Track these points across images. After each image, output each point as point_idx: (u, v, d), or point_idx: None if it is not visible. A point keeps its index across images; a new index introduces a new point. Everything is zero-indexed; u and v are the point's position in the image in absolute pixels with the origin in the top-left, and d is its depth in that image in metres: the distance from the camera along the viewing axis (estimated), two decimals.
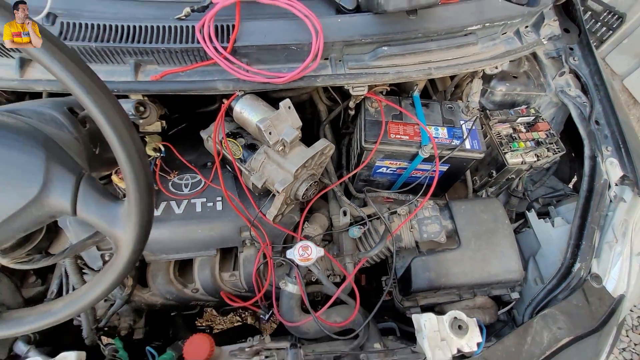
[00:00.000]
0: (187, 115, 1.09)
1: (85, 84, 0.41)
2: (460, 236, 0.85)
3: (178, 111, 1.05)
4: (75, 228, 0.82)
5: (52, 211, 0.50)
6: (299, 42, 0.78)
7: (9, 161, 0.47)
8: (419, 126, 0.93)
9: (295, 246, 0.81)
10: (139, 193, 0.48)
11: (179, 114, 1.06)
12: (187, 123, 1.13)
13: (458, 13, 0.88)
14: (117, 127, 0.44)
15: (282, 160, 0.75)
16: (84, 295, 0.55)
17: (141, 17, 0.80)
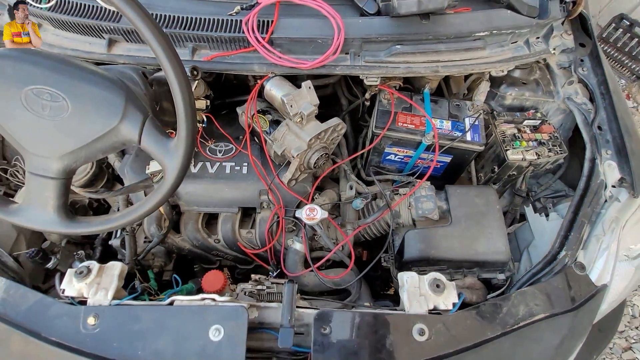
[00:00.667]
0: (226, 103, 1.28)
1: (164, 47, 0.58)
2: (452, 215, 0.93)
3: (220, 98, 1.25)
4: (130, 175, 1.01)
5: (124, 139, 0.68)
6: (324, 36, 0.94)
7: (100, 96, 0.65)
8: (425, 118, 1.04)
9: (303, 207, 0.94)
10: (187, 132, 0.65)
11: (220, 100, 1.26)
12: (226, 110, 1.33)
13: (467, 20, 0.99)
14: (179, 76, 0.61)
15: (299, 131, 0.90)
16: (137, 209, 0.72)
17: (202, 12, 1.00)
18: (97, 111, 0.65)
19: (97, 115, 0.66)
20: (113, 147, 0.69)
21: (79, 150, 0.67)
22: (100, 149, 0.69)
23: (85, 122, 0.65)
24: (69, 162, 0.68)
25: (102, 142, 0.67)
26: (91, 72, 0.67)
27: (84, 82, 0.65)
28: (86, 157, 0.69)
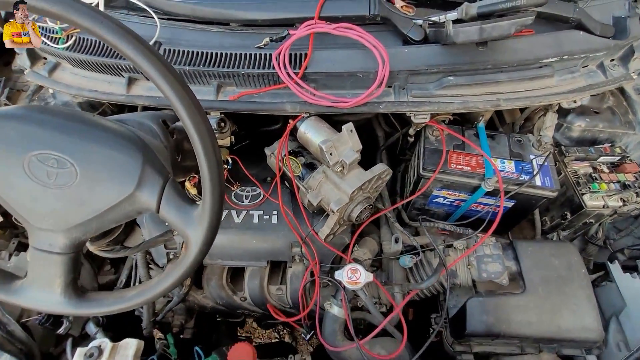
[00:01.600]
0: (251, 132, 1.18)
1: (185, 100, 0.47)
2: (525, 280, 0.77)
3: (244, 128, 1.15)
4: (150, 226, 0.91)
5: (140, 207, 0.57)
6: (365, 70, 0.81)
7: (114, 160, 0.55)
8: (482, 157, 0.89)
9: (344, 268, 0.80)
10: (213, 200, 0.54)
11: (245, 131, 1.16)
12: (250, 140, 1.23)
13: (532, 45, 0.85)
14: (204, 138, 0.50)
15: (340, 181, 0.77)
16: (154, 287, 0.61)
17: (227, 45, 0.91)
18: (110, 177, 0.55)
19: (110, 182, 0.55)
20: (128, 216, 0.59)
21: (88, 222, 0.57)
22: (113, 219, 0.58)
23: (96, 191, 0.55)
24: (78, 235, 0.58)
25: (115, 212, 0.57)
26: (104, 129, 0.58)
27: (95, 144, 0.55)
28: (97, 229, 0.59)
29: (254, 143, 1.25)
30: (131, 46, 0.44)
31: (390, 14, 0.85)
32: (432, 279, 0.77)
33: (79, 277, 0.63)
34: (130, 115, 0.70)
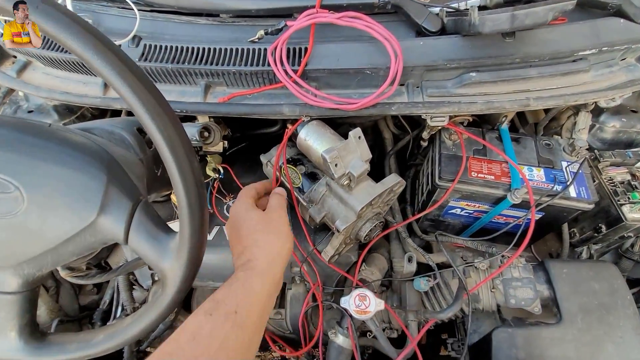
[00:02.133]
0: (247, 135, 1.08)
1: (148, 102, 0.37)
2: (561, 308, 0.67)
3: (239, 130, 1.04)
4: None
5: (105, 238, 0.47)
6: (375, 66, 0.71)
7: (70, 181, 0.45)
8: (508, 164, 0.79)
9: (351, 294, 0.70)
10: (193, 230, 0.43)
11: (240, 133, 1.05)
12: (246, 143, 1.12)
13: (567, 35, 0.74)
14: (178, 153, 0.40)
15: (346, 196, 0.67)
16: (125, 330, 0.51)
17: (217, 39, 0.80)
18: (66, 203, 0.45)
19: (66, 209, 0.45)
20: (91, 247, 0.49)
21: (42, 257, 0.47)
22: (73, 252, 0.48)
23: (48, 220, 0.45)
24: (31, 271, 0.48)
25: (74, 244, 0.47)
26: (58, 143, 0.47)
27: (45, 162, 0.45)
28: (54, 263, 0.49)
29: (251, 146, 1.14)
30: (60, 23, 0.33)
31: (403, 1, 0.73)
32: (454, 307, 0.67)
33: (36, 318, 0.53)
34: (100, 123, 0.60)
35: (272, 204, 0.64)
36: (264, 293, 0.52)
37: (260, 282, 0.52)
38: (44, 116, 0.93)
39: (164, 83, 0.80)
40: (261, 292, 0.51)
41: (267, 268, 0.54)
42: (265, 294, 0.52)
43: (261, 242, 0.56)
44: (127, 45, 0.77)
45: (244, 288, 0.50)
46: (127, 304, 0.85)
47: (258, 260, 0.54)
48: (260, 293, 0.51)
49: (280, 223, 0.61)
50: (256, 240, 0.57)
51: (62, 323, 0.89)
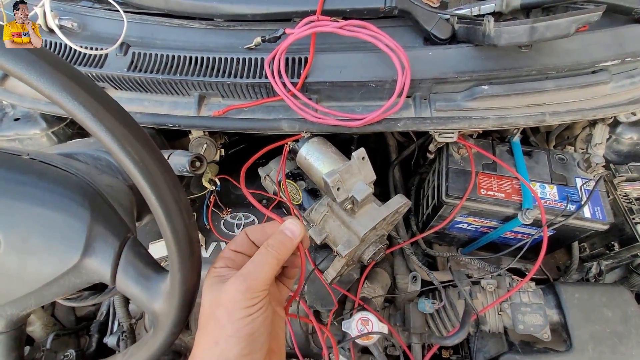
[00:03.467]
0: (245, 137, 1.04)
1: (126, 141, 0.32)
2: (572, 336, 0.64)
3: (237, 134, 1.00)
4: None
5: (90, 279, 0.44)
6: (380, 79, 0.66)
7: (49, 222, 0.41)
8: (519, 182, 0.75)
9: (353, 317, 0.68)
10: (183, 275, 0.40)
11: (238, 136, 1.01)
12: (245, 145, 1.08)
13: (587, 45, 0.68)
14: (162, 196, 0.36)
15: (349, 219, 0.63)
16: None
17: (211, 46, 0.75)
18: (46, 245, 0.42)
19: (47, 251, 0.42)
20: (76, 288, 0.46)
21: (24, 299, 0.44)
22: (57, 293, 0.45)
23: (28, 262, 0.42)
24: (14, 311, 0.45)
25: (58, 286, 0.44)
26: (37, 177, 0.43)
27: (21, 201, 0.41)
28: (38, 304, 0.46)
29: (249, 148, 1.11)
30: None
31: (411, 6, 0.68)
32: (460, 334, 0.65)
33: (23, 355, 0.50)
34: (84, 146, 0.56)
35: (248, 265, 0.38)
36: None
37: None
38: (31, 124, 0.89)
39: (155, 93, 0.75)
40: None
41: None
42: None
43: (199, 341, 0.37)
44: (115, 53, 0.72)
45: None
46: (123, 320, 0.83)
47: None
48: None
49: (231, 312, 0.35)
50: (198, 335, 0.38)
51: (58, 337, 0.87)
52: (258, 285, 0.37)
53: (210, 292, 0.38)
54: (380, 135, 1.07)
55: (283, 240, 0.40)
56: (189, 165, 0.56)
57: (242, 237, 0.42)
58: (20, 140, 0.91)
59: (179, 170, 0.57)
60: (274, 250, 0.39)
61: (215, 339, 0.36)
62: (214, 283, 0.39)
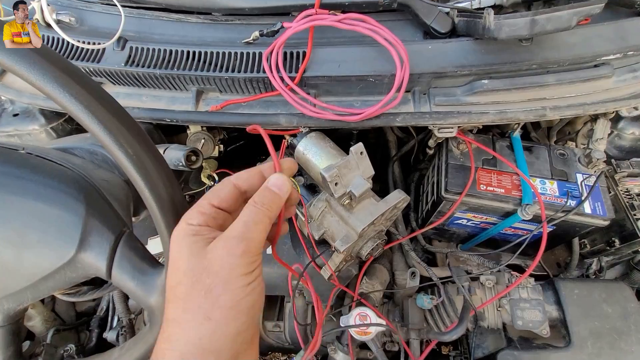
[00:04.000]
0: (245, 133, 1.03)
1: (121, 136, 0.32)
2: (571, 332, 0.64)
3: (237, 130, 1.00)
4: None
5: (86, 273, 0.44)
6: (379, 73, 0.65)
7: (45, 216, 0.41)
8: (519, 177, 0.74)
9: (351, 313, 0.68)
10: None
11: (237, 132, 1.01)
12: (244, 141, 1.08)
13: (590, 38, 0.67)
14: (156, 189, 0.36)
15: (347, 215, 0.63)
16: None
17: (209, 40, 0.75)
18: (42, 239, 0.42)
19: (42, 245, 0.42)
20: (72, 282, 0.46)
21: (21, 293, 0.44)
22: (53, 287, 0.45)
23: (24, 257, 0.42)
24: (11, 305, 0.46)
25: (54, 280, 0.44)
26: (32, 171, 0.43)
27: (17, 195, 0.41)
28: (34, 298, 0.46)
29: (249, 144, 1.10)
30: None
31: (410, 0, 0.67)
32: (459, 330, 0.64)
33: (21, 349, 0.51)
34: (81, 141, 0.56)
35: (228, 230, 0.33)
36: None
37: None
38: (30, 120, 0.89)
39: (153, 88, 0.75)
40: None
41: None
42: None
43: (181, 318, 0.31)
44: (113, 48, 0.72)
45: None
46: (122, 315, 0.84)
47: (173, 349, 0.30)
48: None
49: (227, 280, 0.30)
50: (176, 309, 0.32)
51: (58, 332, 0.88)
52: (255, 248, 0.32)
53: (190, 254, 0.31)
54: (380, 131, 1.06)
55: (272, 197, 0.35)
56: (185, 160, 0.55)
57: (228, 190, 0.36)
58: (20, 136, 0.91)
59: (175, 165, 0.56)
60: (265, 208, 0.33)
61: (206, 314, 0.30)
62: (192, 243, 0.31)
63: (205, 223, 0.33)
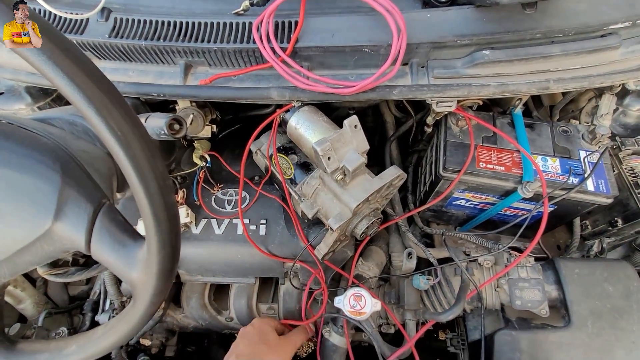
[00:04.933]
0: (239, 117, 1.01)
1: (94, 95, 0.30)
2: (570, 311, 0.62)
3: (230, 112, 0.97)
4: None
5: (64, 247, 0.42)
6: (375, 43, 0.62)
7: (18, 185, 0.39)
8: (520, 154, 0.72)
9: (345, 293, 0.66)
10: (160, 242, 0.38)
11: (231, 115, 0.98)
12: (239, 125, 1.05)
13: (596, 5, 0.64)
14: (135, 156, 0.33)
15: (341, 191, 0.61)
16: (96, 342, 0.47)
17: (197, 11, 0.71)
18: (15, 209, 0.40)
19: (16, 216, 0.40)
20: (50, 256, 0.43)
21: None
22: (30, 261, 0.43)
23: None
24: None
25: (30, 254, 0.42)
26: (5, 138, 0.41)
27: None
28: (12, 273, 0.44)
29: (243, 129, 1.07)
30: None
31: None
32: (455, 310, 0.63)
33: (3, 327, 0.49)
34: (61, 112, 0.53)
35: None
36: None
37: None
38: (15, 99, 0.86)
39: (140, 62, 0.72)
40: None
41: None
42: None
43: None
44: (96, 19, 0.69)
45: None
46: (114, 298, 0.82)
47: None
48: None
49: None
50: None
51: (50, 315, 0.87)
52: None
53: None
54: (377, 112, 1.03)
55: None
56: (167, 128, 0.53)
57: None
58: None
59: (157, 134, 0.54)
60: None
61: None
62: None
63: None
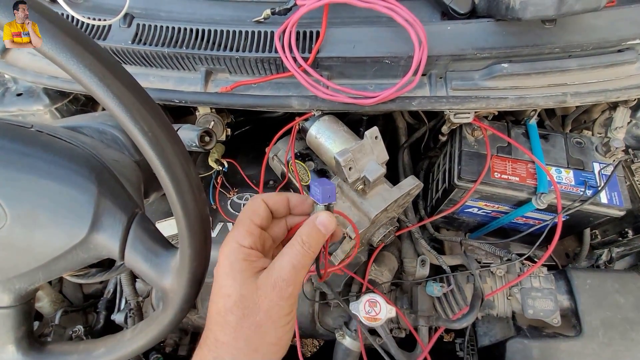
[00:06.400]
0: (251, 119, 1.02)
1: (138, 113, 0.31)
2: (582, 321, 0.63)
3: (243, 114, 0.98)
4: None
5: (99, 254, 0.43)
6: (395, 55, 0.63)
7: (56, 195, 0.40)
8: (534, 164, 0.73)
9: (361, 299, 0.67)
10: (194, 251, 0.39)
11: (244, 117, 0.99)
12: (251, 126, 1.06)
13: (614, 21, 0.65)
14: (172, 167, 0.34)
15: (360, 201, 0.62)
16: (125, 344, 0.48)
17: (218, 18, 0.72)
18: (53, 219, 0.41)
19: (54, 225, 0.41)
20: (84, 263, 0.45)
21: (32, 273, 0.43)
22: (65, 267, 0.44)
23: (35, 236, 0.41)
24: (22, 285, 0.45)
25: (66, 261, 0.43)
26: (42, 149, 0.42)
27: (28, 173, 0.40)
28: (46, 278, 0.45)
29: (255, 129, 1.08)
30: None
31: None
32: (469, 318, 0.64)
33: (33, 329, 0.50)
34: (89, 120, 0.54)
35: (277, 268, 0.35)
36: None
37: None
38: (33, 100, 0.87)
39: (161, 68, 0.73)
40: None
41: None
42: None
43: (232, 345, 0.35)
44: (119, 25, 0.69)
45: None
46: (130, 297, 0.84)
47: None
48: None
49: (274, 320, 0.34)
50: (227, 335, 0.35)
51: (66, 313, 0.88)
52: (299, 290, 0.35)
53: (242, 283, 0.34)
54: (389, 117, 1.04)
55: (318, 238, 0.36)
56: (198, 140, 0.54)
57: (264, 209, 0.38)
58: (23, 117, 0.89)
59: (188, 146, 0.55)
60: (312, 251, 0.35)
61: (255, 346, 0.34)
62: (244, 270, 0.35)
63: (255, 245, 0.37)
